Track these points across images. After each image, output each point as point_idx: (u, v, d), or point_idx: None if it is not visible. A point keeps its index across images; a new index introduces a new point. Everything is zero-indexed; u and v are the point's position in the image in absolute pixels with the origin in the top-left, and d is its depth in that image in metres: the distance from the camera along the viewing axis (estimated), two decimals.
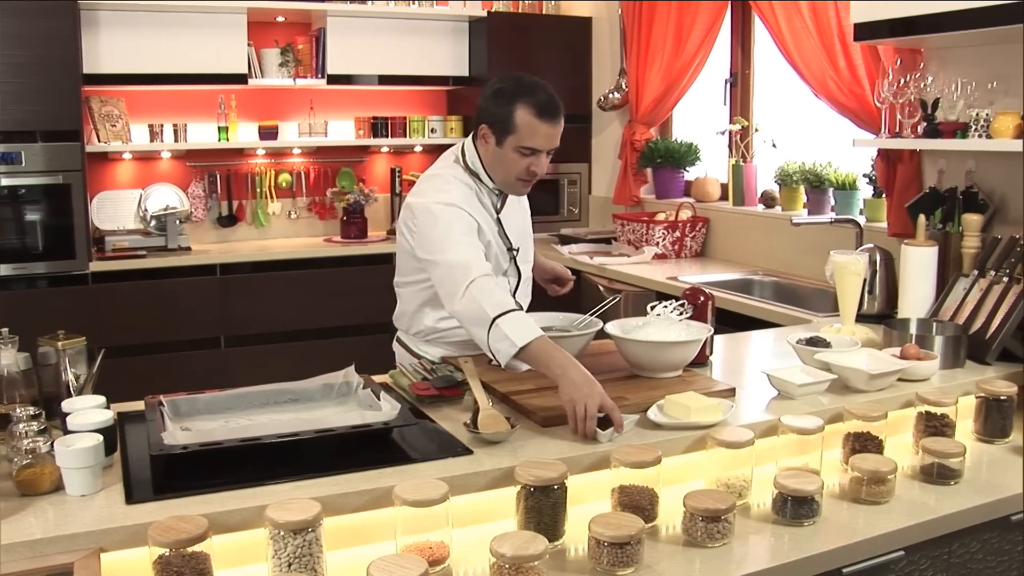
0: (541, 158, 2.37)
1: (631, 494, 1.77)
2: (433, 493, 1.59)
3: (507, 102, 2.33)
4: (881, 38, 3.12)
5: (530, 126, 2.31)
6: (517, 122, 2.32)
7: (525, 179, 2.42)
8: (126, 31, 4.81)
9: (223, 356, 4.93)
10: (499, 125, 2.35)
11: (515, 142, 2.34)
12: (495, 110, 2.35)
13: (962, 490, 1.97)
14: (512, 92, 2.33)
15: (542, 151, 2.36)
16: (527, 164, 2.37)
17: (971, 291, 2.72)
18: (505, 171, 2.41)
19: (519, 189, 2.48)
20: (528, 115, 2.31)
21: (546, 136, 2.34)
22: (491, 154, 2.41)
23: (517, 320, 2.12)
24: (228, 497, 1.65)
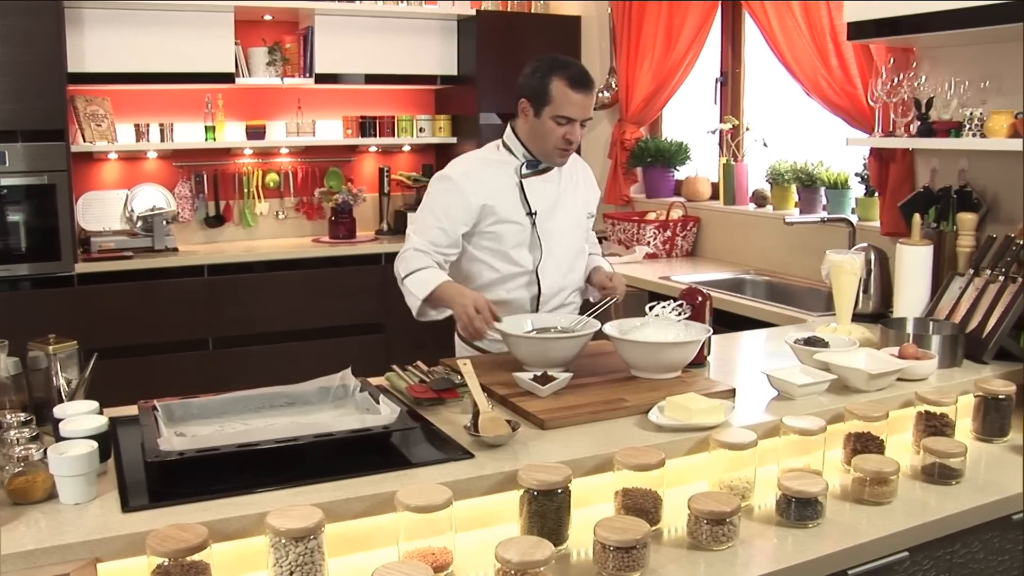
0: (575, 127, 2.56)
1: (635, 497, 1.75)
2: (436, 498, 1.57)
3: (543, 76, 2.54)
4: (874, 37, 3.12)
5: (564, 95, 2.51)
6: (552, 93, 2.52)
7: (562, 147, 2.59)
8: (111, 29, 4.76)
9: (211, 358, 4.89)
10: (536, 97, 2.56)
11: (551, 112, 2.54)
12: (532, 84, 2.57)
13: (963, 490, 1.97)
14: (548, 67, 2.55)
15: (576, 120, 2.55)
16: (563, 132, 2.56)
17: (966, 290, 2.72)
18: (543, 141, 2.60)
19: (557, 158, 2.64)
20: (562, 86, 2.51)
21: (579, 105, 2.53)
22: (530, 126, 2.61)
23: (417, 278, 2.55)
24: (226, 504, 1.62)
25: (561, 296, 2.73)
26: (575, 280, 2.77)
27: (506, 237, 2.64)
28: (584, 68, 2.57)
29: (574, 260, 2.75)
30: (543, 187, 2.68)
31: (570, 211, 2.73)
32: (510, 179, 2.65)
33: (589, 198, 2.84)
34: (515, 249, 2.65)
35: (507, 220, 2.63)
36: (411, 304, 2.60)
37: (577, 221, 2.75)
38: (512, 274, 2.67)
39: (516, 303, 2.68)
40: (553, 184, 2.71)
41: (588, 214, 2.82)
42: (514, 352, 2.36)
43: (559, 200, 2.70)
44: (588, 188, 2.86)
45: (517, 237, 2.64)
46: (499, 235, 2.64)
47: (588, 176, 2.90)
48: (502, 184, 2.64)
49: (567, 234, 2.71)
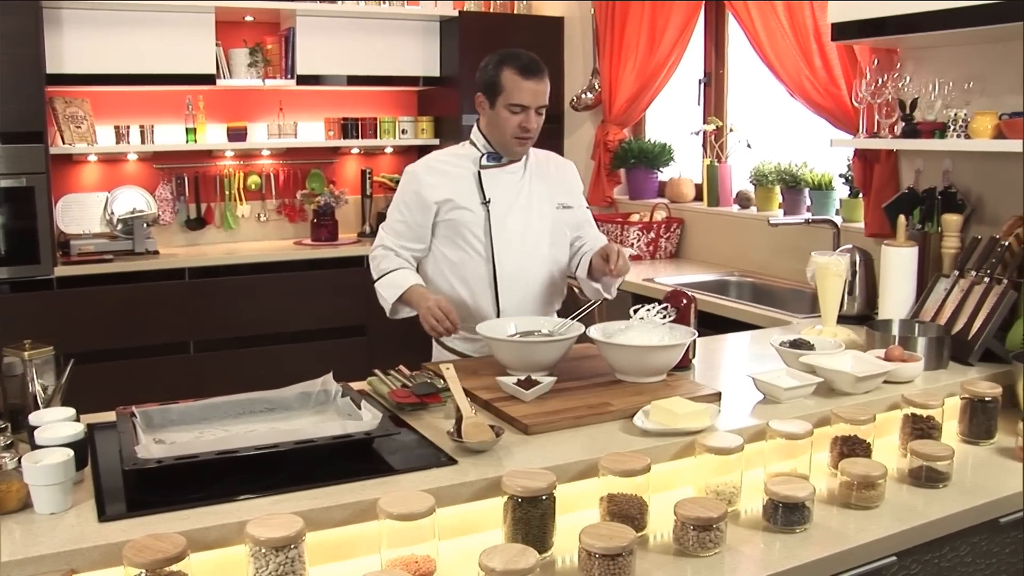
0: (531, 115, 2.61)
1: (620, 503, 1.73)
2: (419, 506, 1.54)
3: (494, 68, 2.61)
4: (858, 38, 3.11)
5: (515, 84, 2.57)
6: (503, 83, 2.58)
7: (520, 136, 2.63)
8: (91, 30, 4.71)
9: (193, 361, 4.85)
10: (489, 89, 2.63)
11: (504, 101, 2.59)
12: (485, 77, 2.64)
13: (950, 493, 1.96)
14: (498, 59, 2.62)
15: (530, 107, 2.59)
16: (518, 121, 2.60)
17: (952, 292, 2.71)
18: (500, 131, 2.64)
19: (516, 147, 2.68)
20: (512, 75, 2.57)
21: (531, 92, 2.59)
22: (488, 119, 2.68)
23: (388, 281, 2.69)
24: (205, 513, 1.59)
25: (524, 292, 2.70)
26: (541, 274, 2.73)
27: (460, 224, 2.68)
28: (534, 56, 2.62)
29: (538, 249, 2.72)
30: (503, 178, 2.72)
31: (534, 203, 2.72)
32: (469, 170, 2.71)
33: (563, 189, 2.82)
34: (470, 236, 2.68)
35: (462, 207, 2.67)
36: (383, 304, 2.73)
37: (542, 212, 2.73)
38: (466, 258, 2.69)
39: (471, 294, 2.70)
40: (515, 176, 2.74)
41: (560, 204, 2.78)
42: (497, 356, 2.34)
43: (520, 191, 2.72)
44: (563, 181, 2.84)
45: (471, 225, 2.68)
46: (454, 222, 2.69)
47: (568, 171, 2.89)
48: (460, 175, 2.70)
49: (530, 226, 2.71)
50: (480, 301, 2.69)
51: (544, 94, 2.62)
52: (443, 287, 2.72)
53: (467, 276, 2.70)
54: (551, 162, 2.86)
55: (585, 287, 2.78)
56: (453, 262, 2.71)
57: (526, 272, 2.70)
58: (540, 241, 2.73)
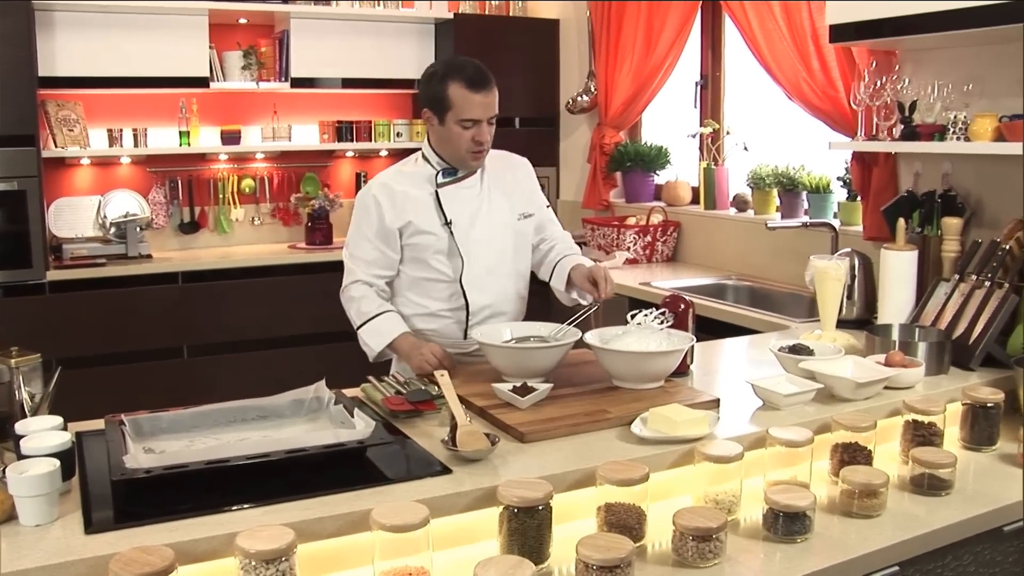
0: (482, 127, 2.50)
1: (618, 512, 1.70)
2: (413, 517, 1.51)
3: (440, 82, 2.48)
4: (856, 40, 3.09)
5: (464, 98, 2.46)
6: (451, 97, 2.47)
7: (474, 151, 2.53)
8: (83, 32, 4.68)
9: (186, 366, 4.80)
10: (436, 105, 2.51)
11: (454, 116, 2.48)
12: (430, 92, 2.52)
13: (953, 501, 1.93)
14: (443, 72, 2.50)
15: (481, 120, 2.49)
16: (471, 135, 2.50)
17: (952, 296, 2.68)
18: (453, 147, 2.54)
19: (471, 162, 2.58)
20: (460, 88, 2.45)
21: (481, 105, 2.47)
22: (437, 134, 2.57)
23: (372, 328, 2.58)
24: (195, 524, 1.56)
25: (493, 307, 2.65)
26: (508, 287, 2.67)
27: (423, 247, 2.59)
28: (479, 66, 2.50)
29: (503, 265, 2.66)
30: (461, 195, 2.62)
31: (495, 217, 2.64)
32: (426, 190, 2.59)
33: (523, 197, 2.73)
34: (434, 258, 2.60)
35: (424, 231, 2.57)
36: (366, 350, 2.64)
37: (505, 225, 2.65)
38: (432, 279, 2.62)
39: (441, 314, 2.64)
40: (473, 191, 2.63)
41: (521, 214, 2.69)
42: (492, 362, 2.30)
43: (480, 207, 2.62)
44: (521, 187, 2.74)
45: (434, 247, 2.58)
46: (417, 246, 2.59)
47: (523, 174, 2.78)
48: (418, 196, 2.58)
49: (494, 242, 2.63)
50: (447, 321, 2.64)
51: (494, 104, 2.50)
52: (409, 308, 2.64)
53: (433, 296, 2.63)
54: (506, 167, 2.74)
55: (561, 297, 2.72)
56: (418, 283, 2.64)
57: (493, 289, 2.64)
58: (504, 256, 2.66)
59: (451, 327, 2.63)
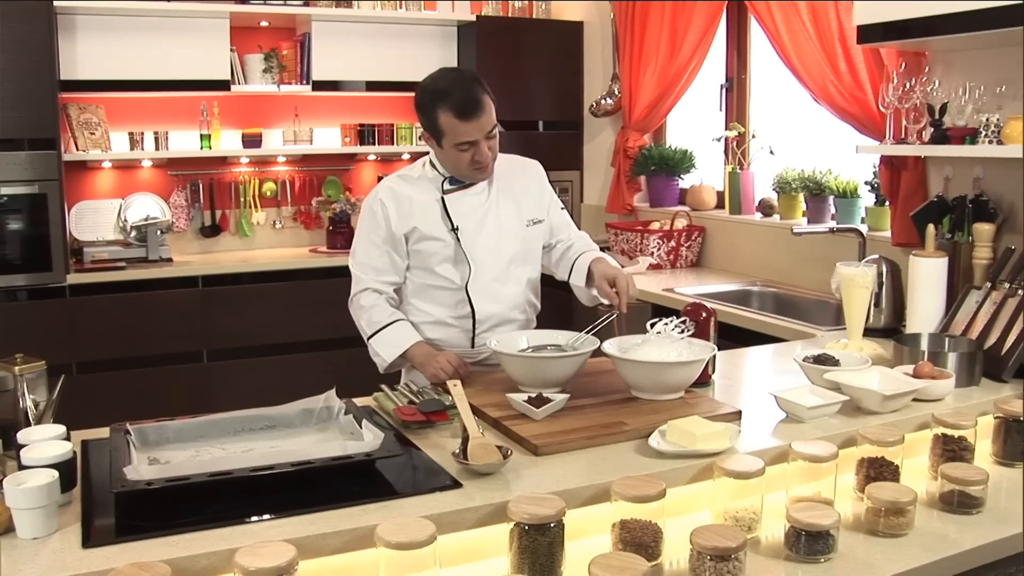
0: (480, 146, 2.43)
1: (633, 530, 1.63)
2: (419, 534, 1.46)
3: (429, 110, 2.42)
4: (884, 41, 3.01)
5: (454, 127, 2.39)
6: (442, 126, 2.41)
7: (475, 168, 2.48)
8: (105, 36, 4.68)
9: (205, 371, 4.79)
10: (432, 131, 2.46)
11: (451, 141, 2.43)
12: (423, 118, 2.47)
13: (984, 520, 1.84)
14: (430, 99, 2.42)
15: (478, 139, 2.42)
16: (470, 156, 2.44)
17: (983, 304, 2.60)
18: (455, 166, 2.49)
19: (477, 176, 2.54)
20: (449, 118, 2.39)
21: (474, 129, 2.40)
22: (439, 154, 2.53)
23: (385, 339, 2.52)
24: (195, 539, 1.51)
25: (500, 315, 2.59)
26: (515, 295, 2.61)
27: (429, 254, 2.54)
28: (467, 87, 2.40)
29: (511, 273, 2.60)
30: (468, 201, 2.56)
31: (503, 224, 2.58)
32: (432, 195, 2.55)
33: (533, 203, 2.66)
34: (440, 265, 2.55)
35: (430, 237, 2.53)
36: (377, 361, 2.57)
37: (513, 232, 2.60)
38: (438, 286, 2.57)
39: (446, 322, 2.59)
40: (480, 197, 2.58)
41: (531, 220, 2.63)
42: (508, 371, 2.25)
43: (487, 214, 2.57)
44: (531, 192, 2.67)
45: (441, 253, 2.54)
46: (422, 252, 2.55)
47: (533, 177, 2.71)
48: (424, 202, 2.54)
49: (502, 249, 2.57)
50: (454, 330, 2.59)
51: (489, 123, 2.40)
52: (415, 316, 2.60)
53: (439, 304, 2.58)
54: (515, 172, 2.67)
55: (581, 295, 2.66)
56: (424, 289, 2.59)
57: (501, 296, 2.59)
58: (512, 264, 2.60)
59: (458, 335, 2.58)
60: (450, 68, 2.59)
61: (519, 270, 2.62)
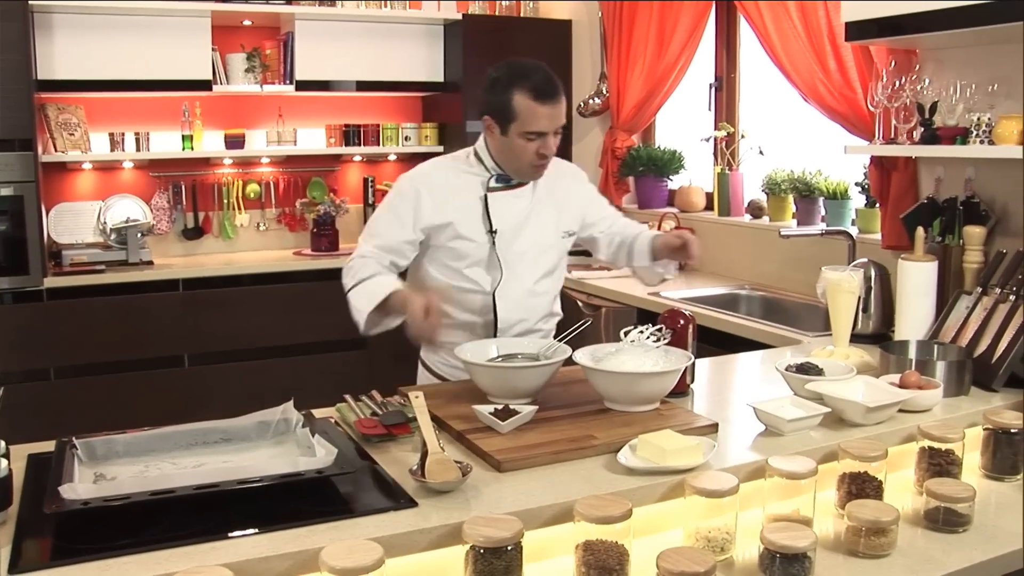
0: (548, 139, 2.34)
1: (597, 552, 1.54)
2: (365, 558, 1.37)
3: (504, 90, 2.30)
4: (873, 38, 2.92)
5: (530, 110, 2.28)
6: (516, 108, 2.29)
7: (536, 163, 2.38)
8: (83, 35, 4.59)
9: (187, 375, 4.70)
10: (500, 114, 2.33)
11: (518, 128, 2.31)
12: (494, 99, 2.33)
13: (971, 539, 1.75)
14: (508, 79, 2.30)
15: (548, 132, 2.32)
16: (535, 148, 2.33)
17: (974, 310, 2.51)
18: (515, 158, 2.38)
19: (533, 174, 2.43)
20: (526, 99, 2.27)
21: (548, 117, 2.30)
22: (498, 143, 2.39)
23: (362, 290, 2.31)
24: (130, 563, 1.42)
25: (524, 324, 2.49)
26: (541, 306, 2.52)
27: (461, 254, 2.43)
28: (548, 73, 2.31)
29: (540, 283, 2.51)
30: (511, 203, 2.46)
31: (541, 232, 2.49)
32: (475, 193, 2.44)
33: (571, 212, 2.57)
34: (470, 268, 2.44)
35: (464, 237, 2.42)
36: (356, 318, 2.34)
37: (548, 242, 2.50)
38: (464, 289, 2.46)
39: (468, 326, 2.47)
40: (525, 200, 2.47)
41: (566, 232, 2.55)
42: (476, 381, 2.15)
43: (528, 218, 2.47)
44: (573, 199, 2.59)
45: (473, 255, 2.43)
46: (455, 251, 2.43)
47: (577, 183, 2.64)
48: (465, 198, 2.43)
49: (535, 257, 2.48)
50: (474, 334, 2.47)
51: (562, 114, 2.33)
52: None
53: (463, 307, 2.47)
54: (559, 175, 2.55)
55: (645, 275, 2.64)
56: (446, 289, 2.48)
57: (527, 305, 2.49)
58: (541, 273, 2.50)
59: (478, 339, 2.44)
60: (529, 59, 2.40)
61: (548, 281, 2.53)
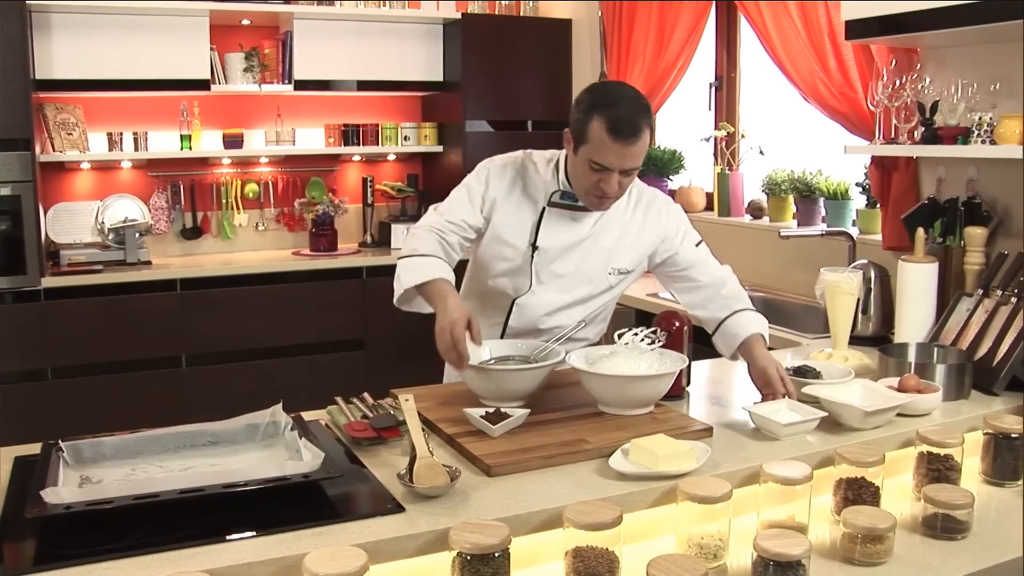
0: (611, 177, 2.19)
1: (587, 558, 1.51)
2: (348, 565, 1.34)
3: (586, 110, 2.18)
4: (874, 36, 2.89)
5: (600, 141, 2.15)
6: (590, 134, 2.17)
7: (595, 195, 2.25)
8: (81, 34, 4.56)
9: (184, 375, 4.67)
10: (577, 132, 2.22)
11: (586, 154, 2.19)
12: (575, 116, 2.23)
13: (970, 546, 1.72)
14: (590, 101, 2.19)
15: (612, 170, 2.18)
16: (596, 179, 2.21)
17: (975, 312, 2.48)
18: (577, 180, 2.28)
19: (592, 204, 2.31)
20: (601, 129, 2.14)
21: (616, 154, 2.16)
22: (570, 160, 2.31)
23: (413, 263, 2.22)
24: (112, 569, 1.40)
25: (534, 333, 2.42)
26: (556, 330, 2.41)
27: (494, 258, 2.39)
28: (635, 110, 2.15)
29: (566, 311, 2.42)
30: (567, 224, 2.36)
31: (586, 262, 2.38)
32: (535, 201, 2.37)
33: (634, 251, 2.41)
34: (498, 278, 2.41)
35: (503, 241, 2.37)
36: (396, 287, 2.25)
37: (589, 275, 2.40)
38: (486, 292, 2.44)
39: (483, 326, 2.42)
40: (583, 227, 2.37)
41: (616, 270, 2.40)
42: (468, 384, 2.12)
43: (579, 245, 2.37)
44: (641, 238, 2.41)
45: (506, 264, 2.39)
46: (487, 254, 2.40)
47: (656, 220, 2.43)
48: (521, 202, 2.37)
49: (570, 284, 2.39)
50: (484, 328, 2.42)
51: (636, 156, 2.17)
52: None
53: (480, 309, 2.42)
54: (639, 209, 2.42)
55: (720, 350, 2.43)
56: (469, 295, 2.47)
57: (542, 323, 2.43)
58: (571, 300, 2.42)
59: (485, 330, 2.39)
60: (628, 86, 2.29)
61: (577, 309, 2.44)
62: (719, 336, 2.38)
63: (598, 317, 2.54)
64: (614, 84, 2.32)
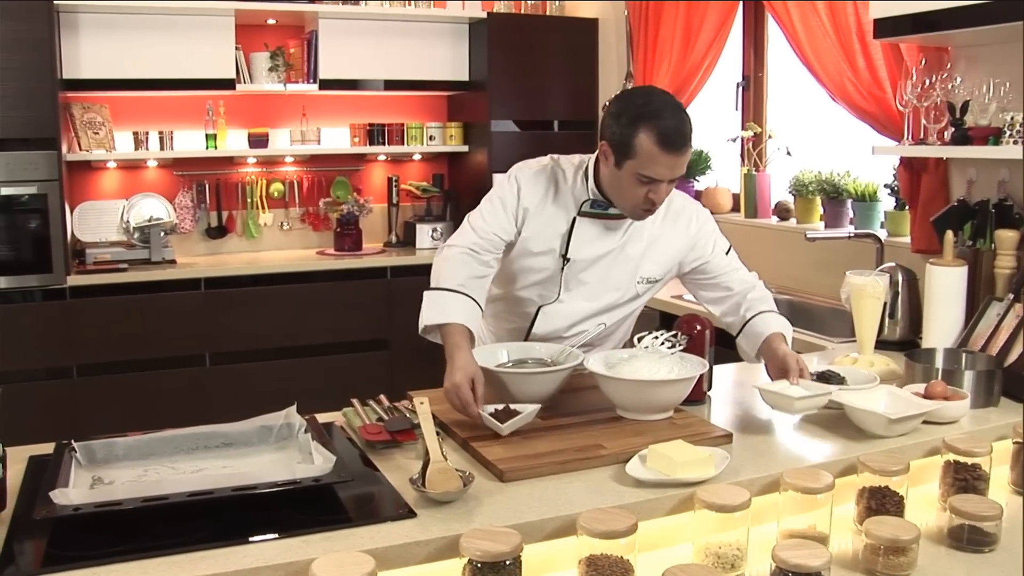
0: (661, 188, 2.16)
1: (601, 567, 1.48)
2: (355, 571, 1.32)
3: (630, 123, 2.11)
4: (903, 35, 2.83)
5: (651, 154, 2.09)
6: (637, 148, 2.10)
7: (643, 208, 2.21)
8: (108, 34, 4.59)
9: (207, 374, 4.69)
10: (619, 147, 2.14)
11: (634, 168, 2.13)
12: (617, 129, 2.14)
13: (997, 559, 1.67)
14: (636, 114, 2.11)
15: (662, 181, 2.14)
16: (645, 192, 2.16)
17: (1005, 317, 2.42)
18: (622, 195, 2.22)
19: (636, 215, 2.27)
20: (650, 143, 2.08)
21: (668, 166, 2.11)
22: (610, 174, 2.22)
23: (437, 300, 2.17)
24: (116, 572, 1.39)
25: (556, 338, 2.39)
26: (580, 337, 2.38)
27: (524, 269, 2.36)
28: (681, 119, 2.11)
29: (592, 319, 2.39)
30: (599, 234, 2.32)
31: (614, 270, 2.35)
32: (566, 210, 2.32)
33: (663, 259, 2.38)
34: (526, 289, 2.38)
35: (533, 252, 2.33)
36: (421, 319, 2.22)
37: (616, 283, 2.37)
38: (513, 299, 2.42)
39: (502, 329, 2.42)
40: (614, 235, 2.33)
41: (644, 279, 2.37)
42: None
43: (606, 255, 2.34)
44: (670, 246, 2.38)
45: (536, 276, 2.35)
46: (516, 264, 2.36)
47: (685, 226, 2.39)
48: (555, 211, 2.32)
49: (597, 295, 2.37)
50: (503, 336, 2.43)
51: (683, 165, 2.14)
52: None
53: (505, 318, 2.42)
54: (669, 216, 2.38)
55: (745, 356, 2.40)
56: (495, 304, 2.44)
57: (566, 332, 2.40)
58: (598, 307, 2.39)
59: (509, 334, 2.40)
60: (661, 90, 2.23)
61: (601, 317, 2.41)
62: (743, 337, 2.35)
63: (624, 324, 2.51)
64: (649, 92, 2.22)
